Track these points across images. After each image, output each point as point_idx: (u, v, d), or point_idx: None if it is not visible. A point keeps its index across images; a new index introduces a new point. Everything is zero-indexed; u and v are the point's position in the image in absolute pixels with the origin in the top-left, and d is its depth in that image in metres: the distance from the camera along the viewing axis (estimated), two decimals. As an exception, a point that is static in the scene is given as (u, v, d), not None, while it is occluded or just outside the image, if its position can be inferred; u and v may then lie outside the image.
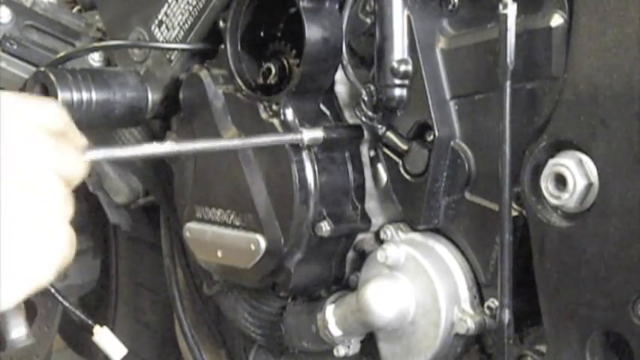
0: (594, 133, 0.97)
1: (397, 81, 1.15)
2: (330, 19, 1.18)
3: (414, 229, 1.19)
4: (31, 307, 1.83)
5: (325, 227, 1.20)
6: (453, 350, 1.15)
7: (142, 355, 1.76)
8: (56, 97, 1.28)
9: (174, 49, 1.33)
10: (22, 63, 1.47)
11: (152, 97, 1.37)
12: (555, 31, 1.02)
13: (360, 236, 1.26)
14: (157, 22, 1.35)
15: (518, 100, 1.04)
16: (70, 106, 1.29)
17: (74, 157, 0.79)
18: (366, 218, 1.23)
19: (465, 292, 1.14)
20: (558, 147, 1.01)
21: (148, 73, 1.37)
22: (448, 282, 1.14)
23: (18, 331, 1.59)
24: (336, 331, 1.22)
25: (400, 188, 1.18)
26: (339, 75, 1.22)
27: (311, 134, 1.17)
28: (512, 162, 1.02)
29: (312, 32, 1.16)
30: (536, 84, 1.05)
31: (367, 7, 1.19)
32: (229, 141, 1.21)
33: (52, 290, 1.54)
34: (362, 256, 1.24)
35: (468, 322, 1.12)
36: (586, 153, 0.98)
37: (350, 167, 1.22)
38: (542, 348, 1.09)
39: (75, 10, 1.60)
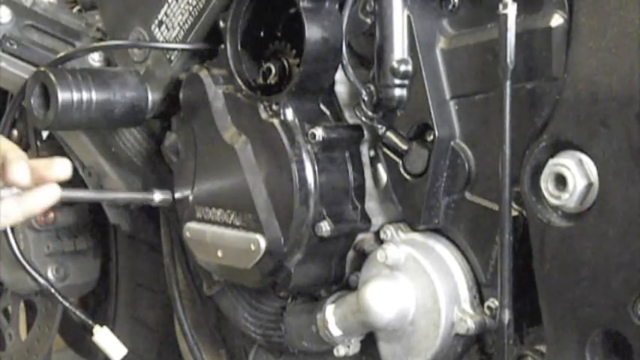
0: (594, 133, 0.97)
1: (397, 81, 1.15)
2: (330, 19, 1.18)
3: (414, 229, 1.19)
4: (31, 307, 1.84)
5: (325, 227, 1.19)
6: (453, 350, 1.15)
7: (142, 355, 1.76)
8: (56, 97, 1.28)
9: (174, 49, 1.33)
10: (22, 63, 1.47)
11: (152, 97, 1.37)
12: (555, 31, 1.02)
13: (360, 236, 1.26)
14: (157, 22, 1.35)
15: (518, 100, 1.04)
16: (70, 106, 1.29)
17: None
18: (366, 218, 1.23)
19: (465, 292, 1.14)
20: (558, 147, 1.01)
21: (148, 73, 1.37)
22: (448, 282, 1.14)
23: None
24: (336, 331, 1.22)
25: (400, 188, 1.18)
26: (339, 75, 1.22)
27: (162, 195, 1.29)
28: (512, 162, 1.02)
29: (312, 32, 1.16)
30: (536, 84, 1.05)
31: (367, 7, 1.19)
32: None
33: (52, 290, 1.54)
34: (362, 256, 1.24)
35: (468, 322, 1.12)
36: (586, 153, 0.98)
37: (350, 167, 1.22)
38: (542, 348, 1.09)
39: (75, 10, 1.60)
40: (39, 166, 0.97)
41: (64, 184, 1.05)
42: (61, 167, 0.98)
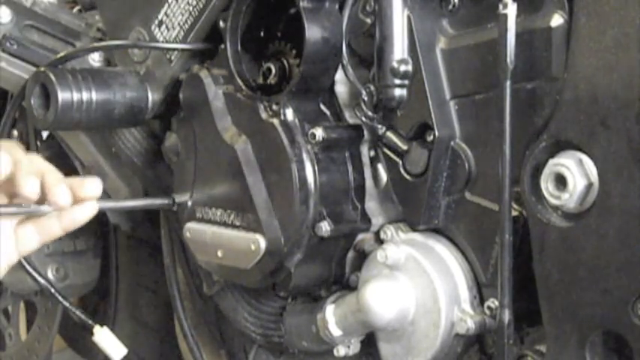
0: (594, 133, 0.97)
1: (397, 81, 1.15)
2: (330, 19, 1.18)
3: (414, 229, 1.19)
4: (31, 307, 1.84)
5: (325, 227, 1.19)
6: (453, 350, 1.15)
7: (142, 355, 1.76)
8: (56, 97, 1.28)
9: (174, 49, 1.33)
10: (22, 63, 1.47)
11: (152, 97, 1.37)
12: (555, 31, 1.02)
13: (360, 236, 1.26)
14: (157, 22, 1.35)
15: (518, 100, 1.04)
16: (70, 106, 1.29)
17: None
18: (366, 218, 1.23)
19: (465, 292, 1.14)
20: (558, 147, 1.01)
21: (148, 73, 1.37)
22: (448, 282, 1.14)
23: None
24: (336, 331, 1.22)
25: (400, 188, 1.18)
26: (339, 75, 1.22)
27: (181, 198, 1.32)
28: (512, 162, 1.02)
29: (312, 32, 1.16)
30: (536, 84, 1.05)
31: (367, 7, 1.19)
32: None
33: (52, 290, 1.54)
34: (362, 256, 1.24)
35: (468, 322, 1.12)
36: (586, 153, 0.99)
37: (350, 167, 1.22)
38: (542, 348, 1.09)
39: (75, 10, 1.60)
40: (72, 184, 1.03)
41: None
42: (93, 186, 1.05)
